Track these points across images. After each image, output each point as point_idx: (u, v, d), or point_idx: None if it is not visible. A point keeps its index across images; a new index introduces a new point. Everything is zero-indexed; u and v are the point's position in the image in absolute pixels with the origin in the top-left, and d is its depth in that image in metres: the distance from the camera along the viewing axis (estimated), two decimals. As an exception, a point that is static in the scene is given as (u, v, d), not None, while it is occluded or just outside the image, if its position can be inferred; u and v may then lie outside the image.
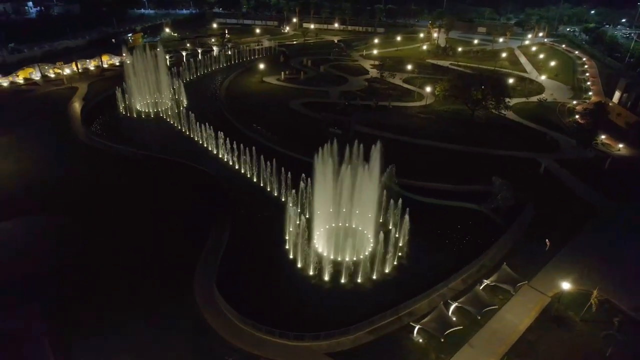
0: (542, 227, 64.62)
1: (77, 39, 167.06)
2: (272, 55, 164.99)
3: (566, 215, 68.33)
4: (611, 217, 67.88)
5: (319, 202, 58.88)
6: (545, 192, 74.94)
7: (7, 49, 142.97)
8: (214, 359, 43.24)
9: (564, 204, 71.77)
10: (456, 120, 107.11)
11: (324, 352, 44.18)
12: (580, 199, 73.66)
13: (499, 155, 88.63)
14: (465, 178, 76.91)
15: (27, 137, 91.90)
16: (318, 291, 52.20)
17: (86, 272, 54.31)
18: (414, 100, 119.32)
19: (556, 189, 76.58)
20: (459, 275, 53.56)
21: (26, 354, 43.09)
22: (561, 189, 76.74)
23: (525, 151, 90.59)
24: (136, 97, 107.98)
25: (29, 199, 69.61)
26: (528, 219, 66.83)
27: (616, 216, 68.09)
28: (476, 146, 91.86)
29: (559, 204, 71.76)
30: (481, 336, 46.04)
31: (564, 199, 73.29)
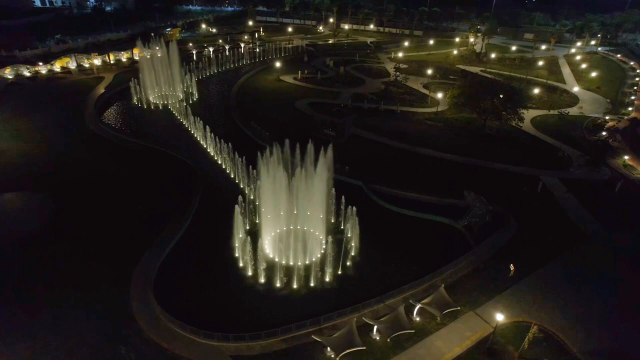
0: (516, 251, 59.64)
1: (119, 32, 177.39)
2: (298, 54, 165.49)
3: (548, 240, 62.51)
4: (597, 250, 61.10)
5: (266, 205, 58.07)
6: (533, 213, 69.09)
7: (54, 39, 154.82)
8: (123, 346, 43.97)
9: (551, 227, 65.67)
10: (465, 130, 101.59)
11: (231, 354, 43.55)
12: (571, 223, 67.06)
13: (498, 169, 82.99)
14: (453, 191, 72.46)
15: (44, 120, 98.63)
16: (257, 293, 51.58)
17: (39, 247, 57.47)
18: (427, 106, 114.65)
19: (548, 211, 70.28)
20: (398, 293, 50.63)
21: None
22: (554, 211, 70.28)
23: (529, 167, 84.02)
24: (149, 89, 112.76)
25: (25, 177, 74.72)
26: (502, 240, 61.84)
27: (602, 250, 61.13)
28: (476, 158, 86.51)
29: (545, 226, 65.83)
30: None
31: (553, 222, 67.05)
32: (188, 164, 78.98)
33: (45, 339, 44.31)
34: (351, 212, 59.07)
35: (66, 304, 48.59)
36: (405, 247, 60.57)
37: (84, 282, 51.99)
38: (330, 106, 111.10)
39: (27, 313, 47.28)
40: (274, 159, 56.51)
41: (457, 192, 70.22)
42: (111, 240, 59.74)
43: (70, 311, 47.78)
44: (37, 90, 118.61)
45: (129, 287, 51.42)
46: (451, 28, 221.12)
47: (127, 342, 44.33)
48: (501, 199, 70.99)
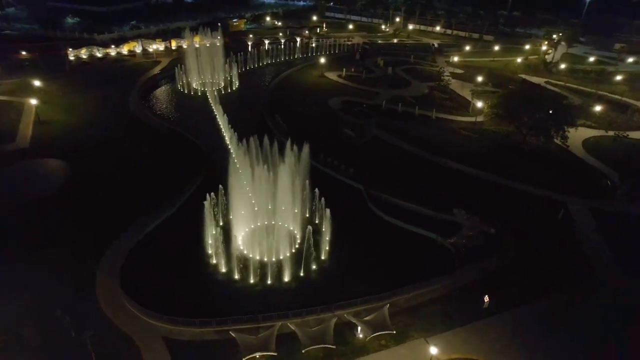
0: (504, 281, 53.92)
1: (188, 20, 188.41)
2: (353, 51, 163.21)
3: (545, 275, 55.62)
4: (605, 298, 52.88)
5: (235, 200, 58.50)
6: (540, 241, 61.90)
7: (129, 25, 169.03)
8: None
9: (556, 262, 58.30)
10: (500, 144, 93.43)
11: (162, 335, 44.72)
12: (583, 261, 58.97)
13: (522, 191, 75.25)
14: (460, 206, 67.16)
15: (96, 97, 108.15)
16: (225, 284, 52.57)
17: (44, 208, 63.54)
18: (467, 115, 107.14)
19: (560, 242, 62.48)
20: (348, 305, 48.22)
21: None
22: (567, 244, 62.31)
23: (560, 192, 75.01)
24: (193, 76, 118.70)
25: (58, 147, 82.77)
26: (492, 266, 56.14)
27: (613, 299, 52.64)
28: (501, 176, 79.09)
29: (549, 260, 58.63)
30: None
31: (560, 257, 59.47)
32: (199, 147, 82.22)
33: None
34: (329, 214, 57.52)
35: (38, 264, 53.07)
36: (385, 259, 57.83)
37: (66, 246, 56.44)
38: (361, 106, 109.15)
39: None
40: (245, 153, 56.01)
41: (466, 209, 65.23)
42: (107, 211, 64.11)
43: (38, 272, 52.16)
44: (102, 70, 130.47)
45: (102, 256, 55.03)
46: (528, 34, 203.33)
47: (76, 307, 47.37)
48: (513, 223, 64.70)
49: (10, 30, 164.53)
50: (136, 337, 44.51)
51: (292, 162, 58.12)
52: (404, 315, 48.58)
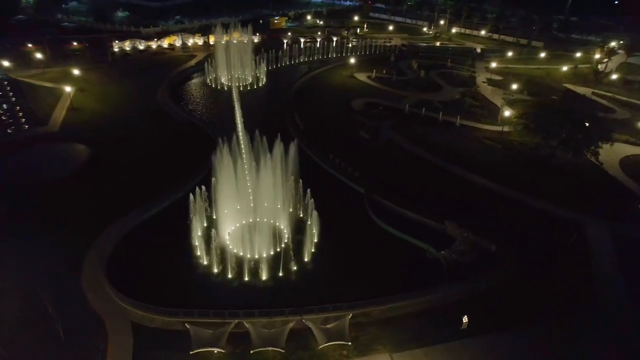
0: (492, 303, 50.51)
1: (231, 17, 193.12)
2: (389, 53, 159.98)
3: (542, 301, 51.45)
4: (606, 331, 48.09)
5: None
6: (545, 264, 57.39)
7: (173, 19, 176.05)
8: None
9: (557, 287, 53.83)
10: (524, 157, 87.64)
11: (132, 320, 45.85)
12: (589, 291, 53.88)
13: (539, 208, 70.07)
14: (463, 219, 63.59)
15: (130, 87, 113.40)
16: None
17: (59, 189, 67.62)
18: (495, 124, 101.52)
19: (568, 266, 57.61)
20: (319, 310, 46.99)
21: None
22: (576, 269, 57.32)
23: (582, 212, 69.12)
24: (222, 71, 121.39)
25: (83, 132, 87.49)
26: (482, 286, 52.70)
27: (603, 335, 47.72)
28: (518, 190, 74.15)
29: (549, 283, 54.25)
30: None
31: (564, 282, 54.81)
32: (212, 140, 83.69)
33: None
34: (316, 216, 56.68)
35: (41, 240, 56.39)
36: (374, 266, 55.86)
37: (69, 225, 59.34)
38: (377, 108, 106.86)
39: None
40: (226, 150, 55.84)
41: (464, 221, 61.76)
42: (115, 194, 66.79)
43: (39, 247, 55.33)
44: (141, 62, 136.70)
45: (95, 238, 57.42)
46: (584, 40, 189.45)
47: (62, 283, 49.74)
48: (520, 242, 60.62)
49: (68, 22, 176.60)
50: (107, 319, 45.90)
51: (285, 160, 57.64)
52: (375, 326, 46.69)
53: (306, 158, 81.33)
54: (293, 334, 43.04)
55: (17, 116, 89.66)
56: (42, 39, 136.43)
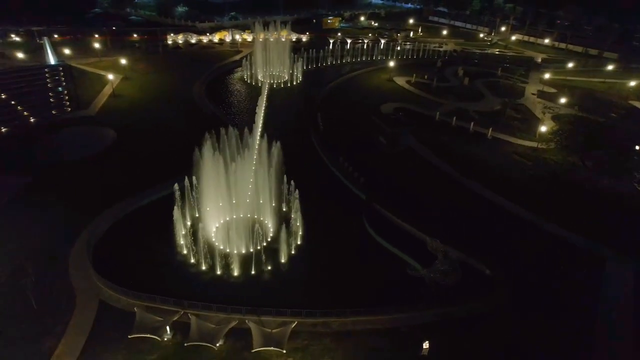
0: (465, 330, 46.64)
1: (286, 15, 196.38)
2: (438, 58, 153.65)
3: (528, 342, 46.55)
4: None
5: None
6: (545, 298, 51.96)
7: (228, 16, 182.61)
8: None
9: (555, 327, 48.38)
10: (556, 178, 79.62)
11: (102, 299, 47.98)
12: (594, 337, 47.81)
13: (558, 236, 63.43)
14: (466, 238, 59.76)
15: (172, 77, 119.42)
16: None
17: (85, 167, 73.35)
18: (532, 139, 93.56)
19: (572, 305, 51.64)
20: (277, 313, 46.18)
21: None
22: (581, 308, 51.24)
23: (607, 246, 61.57)
24: (260, 67, 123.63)
25: (118, 118, 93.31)
26: (461, 312, 48.78)
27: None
28: (538, 214, 67.66)
29: (541, 321, 48.93)
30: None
31: (560, 323, 49.12)
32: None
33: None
34: (300, 222, 55.95)
35: (45, 212, 61.14)
36: (354, 275, 53.95)
37: (77, 202, 63.61)
38: (418, 116, 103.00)
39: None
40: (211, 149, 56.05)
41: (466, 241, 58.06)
42: (128, 177, 70.43)
43: (44, 219, 59.91)
44: (189, 55, 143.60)
45: (95, 217, 60.88)
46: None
47: (52, 254, 53.61)
48: (522, 270, 55.59)
49: (135, 16, 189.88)
50: (79, 293, 48.53)
51: (270, 157, 57.46)
52: (331, 338, 44.96)
53: (316, 158, 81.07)
54: (235, 333, 42.67)
55: (63, 99, 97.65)
56: (105, 31, 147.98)
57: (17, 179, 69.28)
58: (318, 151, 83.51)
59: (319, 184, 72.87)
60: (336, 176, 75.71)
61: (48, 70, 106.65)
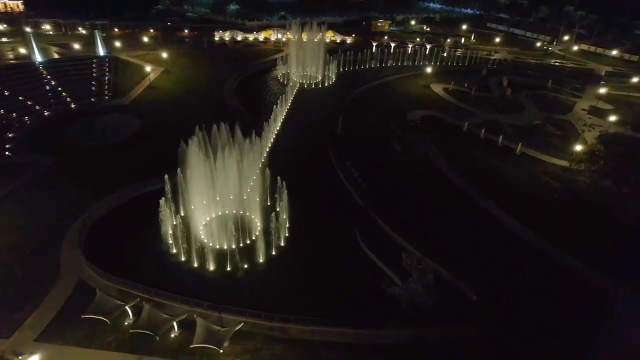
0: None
1: (335, 17, 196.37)
2: (484, 66, 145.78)
3: None
4: None
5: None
6: (535, 335, 47.26)
7: (277, 15, 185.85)
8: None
9: None
10: (584, 203, 72.14)
11: (82, 277, 50.46)
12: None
13: (569, 269, 57.40)
14: (457, 259, 56.23)
15: (209, 72, 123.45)
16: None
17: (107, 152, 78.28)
18: (568, 158, 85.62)
19: (566, 348, 46.55)
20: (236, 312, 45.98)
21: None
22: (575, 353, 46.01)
23: (623, 284, 54.99)
24: (295, 67, 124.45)
25: (146, 107, 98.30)
26: (433, 335, 45.64)
27: None
28: (552, 242, 61.65)
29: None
30: None
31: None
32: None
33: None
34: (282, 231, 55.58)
35: (57, 191, 65.80)
36: (335, 283, 52.49)
37: (91, 184, 67.64)
38: (447, 126, 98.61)
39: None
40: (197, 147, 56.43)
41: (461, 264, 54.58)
42: (143, 165, 73.52)
43: (55, 198, 64.52)
44: (231, 51, 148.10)
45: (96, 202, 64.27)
46: None
47: (51, 231, 57.31)
48: (515, 301, 51.01)
49: (192, 13, 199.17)
50: (64, 269, 51.45)
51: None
52: (284, 345, 43.90)
53: (325, 160, 79.93)
54: (184, 326, 43.12)
55: (103, 88, 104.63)
56: (158, 26, 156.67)
57: (44, 159, 75.06)
58: (329, 153, 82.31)
59: (319, 186, 71.96)
60: (340, 180, 74.14)
61: (96, 60, 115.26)
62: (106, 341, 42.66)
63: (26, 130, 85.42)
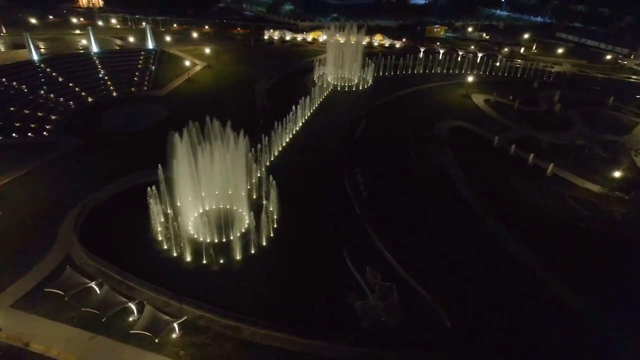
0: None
1: (390, 20, 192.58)
2: (538, 78, 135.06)
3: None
4: None
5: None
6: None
7: (330, 17, 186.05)
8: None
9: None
10: (615, 241, 63.53)
11: (69, 253, 53.80)
12: None
13: (574, 312, 51.61)
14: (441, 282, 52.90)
15: (245, 71, 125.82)
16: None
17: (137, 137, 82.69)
18: (604, 183, 76.76)
19: None
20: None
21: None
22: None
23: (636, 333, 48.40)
24: (330, 69, 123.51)
25: (178, 99, 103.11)
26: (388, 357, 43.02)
27: None
28: (557, 277, 55.80)
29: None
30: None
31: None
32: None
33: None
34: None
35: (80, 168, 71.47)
36: (312, 288, 51.53)
37: (109, 167, 72.06)
38: (476, 138, 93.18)
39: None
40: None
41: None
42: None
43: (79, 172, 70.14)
44: (276, 50, 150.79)
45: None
46: None
47: (61, 206, 61.82)
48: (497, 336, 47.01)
49: (249, 11, 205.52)
50: (57, 243, 55.16)
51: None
52: (233, 344, 43.52)
53: (335, 164, 78.43)
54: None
55: (144, 79, 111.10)
56: (211, 22, 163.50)
57: (73, 140, 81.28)
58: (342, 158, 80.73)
59: (321, 190, 70.82)
60: (344, 185, 72.38)
61: (144, 53, 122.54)
62: (69, 316, 45.01)
63: (68, 113, 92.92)
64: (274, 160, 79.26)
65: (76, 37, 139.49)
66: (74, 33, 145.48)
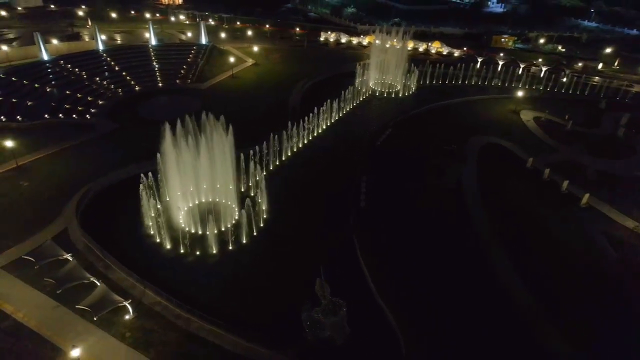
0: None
1: (455, 28, 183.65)
2: (606, 98, 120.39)
3: None
4: None
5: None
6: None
7: (391, 21, 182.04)
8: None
9: None
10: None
11: (67, 226, 58.24)
12: None
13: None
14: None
15: (290, 71, 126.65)
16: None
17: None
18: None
19: None
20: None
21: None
22: None
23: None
24: (372, 75, 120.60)
25: (214, 94, 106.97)
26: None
27: None
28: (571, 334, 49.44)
29: None
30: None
31: None
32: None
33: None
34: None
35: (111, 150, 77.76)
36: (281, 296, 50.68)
37: (134, 152, 76.10)
38: (508, 155, 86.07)
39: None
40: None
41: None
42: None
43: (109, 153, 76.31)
44: (327, 52, 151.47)
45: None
46: None
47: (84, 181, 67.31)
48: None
49: (313, 13, 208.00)
50: (61, 216, 59.76)
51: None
52: (177, 334, 43.95)
53: (348, 171, 76.29)
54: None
55: (190, 73, 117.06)
56: (271, 22, 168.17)
57: (110, 125, 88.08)
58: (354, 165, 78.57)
59: (323, 196, 69.33)
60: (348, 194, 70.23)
61: (195, 48, 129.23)
62: (43, 284, 48.66)
63: (115, 100, 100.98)
64: (283, 162, 78.92)
65: (146, 31, 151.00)
66: (145, 27, 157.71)
